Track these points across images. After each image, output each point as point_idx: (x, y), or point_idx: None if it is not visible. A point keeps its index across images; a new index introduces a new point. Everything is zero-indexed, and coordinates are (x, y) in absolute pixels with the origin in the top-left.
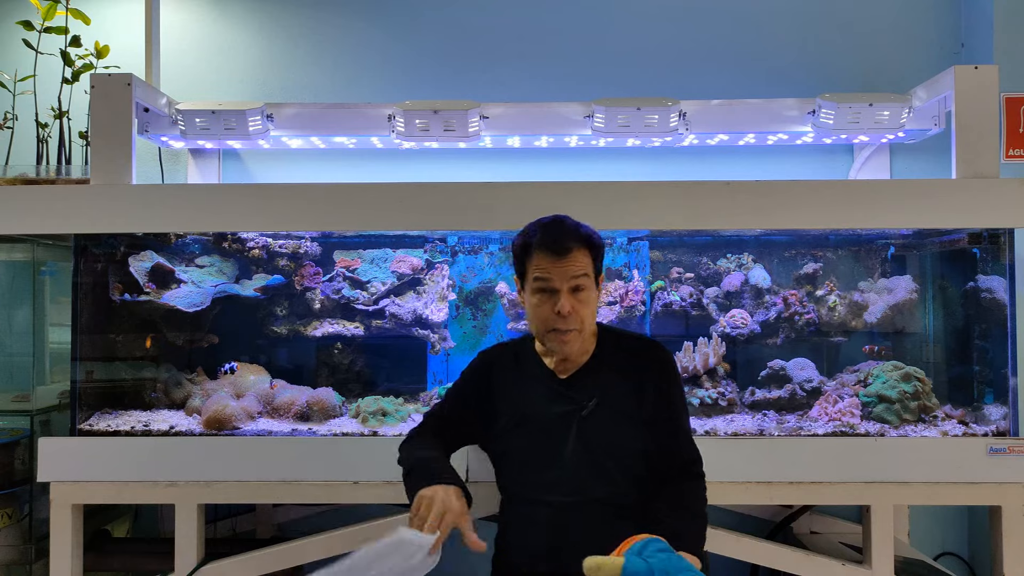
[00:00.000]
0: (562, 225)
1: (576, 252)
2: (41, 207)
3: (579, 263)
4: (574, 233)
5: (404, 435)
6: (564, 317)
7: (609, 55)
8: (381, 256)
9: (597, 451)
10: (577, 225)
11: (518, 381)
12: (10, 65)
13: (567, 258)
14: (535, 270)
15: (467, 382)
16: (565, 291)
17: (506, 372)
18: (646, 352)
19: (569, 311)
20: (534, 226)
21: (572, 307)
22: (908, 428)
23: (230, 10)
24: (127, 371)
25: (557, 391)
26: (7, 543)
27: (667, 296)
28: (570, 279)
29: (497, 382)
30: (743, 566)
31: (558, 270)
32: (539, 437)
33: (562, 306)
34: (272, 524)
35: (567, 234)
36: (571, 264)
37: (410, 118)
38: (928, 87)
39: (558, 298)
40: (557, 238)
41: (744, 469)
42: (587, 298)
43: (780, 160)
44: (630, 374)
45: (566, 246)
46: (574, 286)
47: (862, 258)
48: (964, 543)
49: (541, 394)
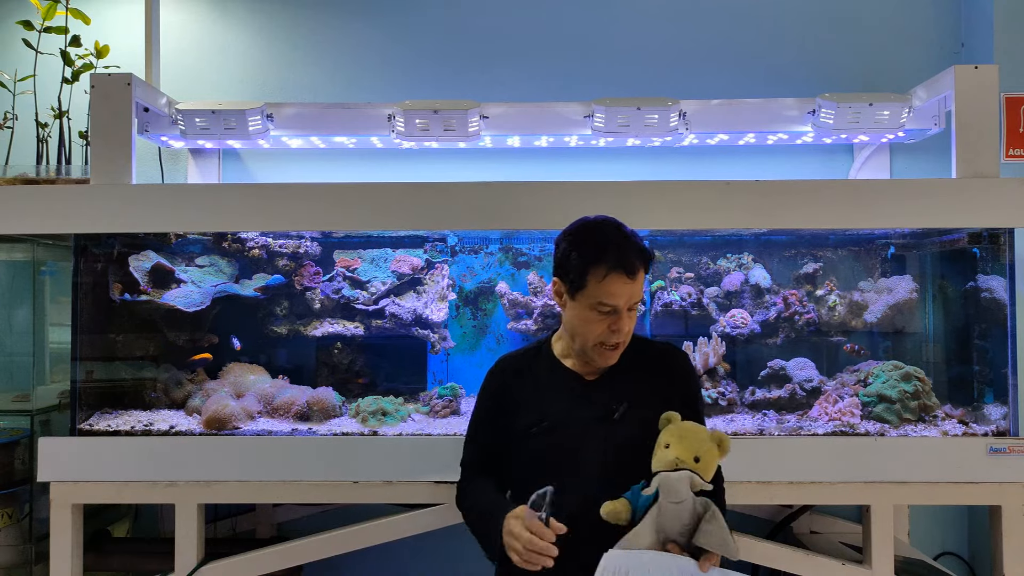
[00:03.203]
0: (631, 244)
1: (641, 273)
2: (41, 207)
3: (641, 285)
4: (641, 253)
5: (457, 488)
6: (616, 332)
7: (609, 55)
8: (381, 256)
9: (626, 454)
10: (641, 246)
11: (538, 386)
12: (10, 65)
13: (636, 279)
14: (603, 292)
15: (490, 397)
16: (625, 311)
17: (522, 377)
18: (670, 357)
19: (629, 328)
20: (596, 234)
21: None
22: (908, 428)
23: (230, 10)
24: (127, 371)
25: (582, 395)
26: (7, 543)
27: (667, 296)
28: (634, 300)
29: (516, 387)
30: (743, 566)
31: (627, 293)
32: (567, 441)
33: (622, 326)
34: (272, 524)
35: (637, 255)
36: (637, 286)
37: (410, 118)
38: (928, 87)
39: (618, 318)
40: (632, 260)
41: (744, 469)
42: (634, 316)
43: (780, 160)
44: (658, 379)
45: (636, 267)
46: (632, 306)
47: (862, 258)
48: (964, 543)
49: (566, 398)
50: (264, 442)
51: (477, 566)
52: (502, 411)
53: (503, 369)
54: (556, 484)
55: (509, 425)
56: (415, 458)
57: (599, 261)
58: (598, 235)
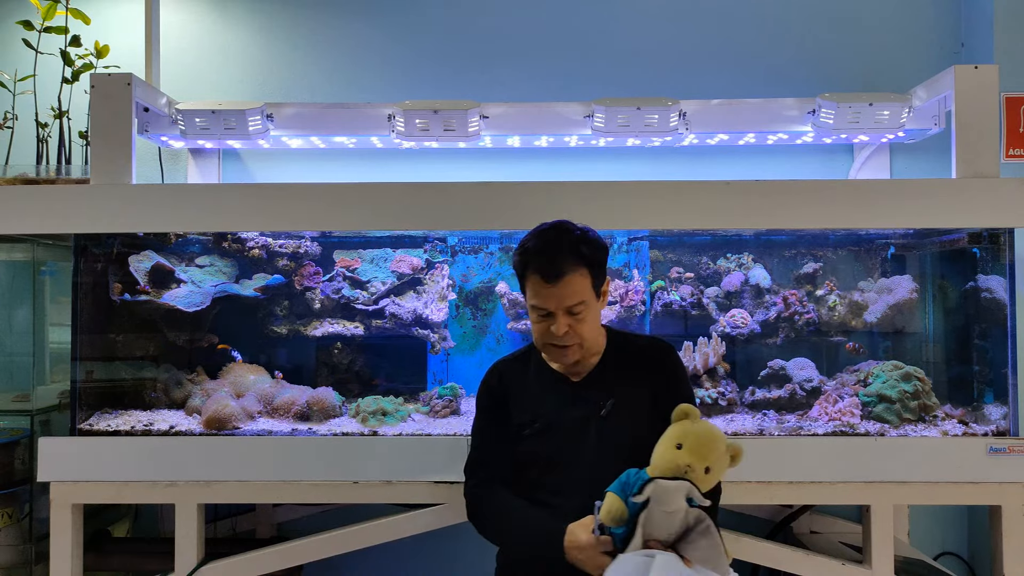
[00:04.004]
0: (559, 245)
1: (570, 277)
2: (41, 207)
3: (573, 288)
4: (570, 255)
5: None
6: (555, 334)
7: (609, 55)
8: (381, 256)
9: (618, 450)
10: (576, 242)
11: (531, 387)
12: (10, 65)
13: (560, 284)
14: (530, 294)
15: (488, 401)
16: (560, 314)
17: (517, 379)
18: (656, 351)
19: (565, 332)
20: (532, 240)
21: (569, 327)
22: (908, 428)
23: (230, 10)
24: (127, 371)
25: (572, 394)
26: (7, 543)
27: (667, 296)
28: (564, 304)
29: (512, 389)
30: (743, 566)
31: (552, 296)
32: (560, 441)
33: (557, 328)
34: (272, 524)
35: (562, 257)
36: (564, 289)
37: (410, 118)
38: (928, 87)
39: (553, 320)
40: (553, 261)
41: (744, 469)
42: (585, 317)
43: (780, 160)
44: (642, 373)
45: (559, 272)
46: (568, 309)
47: (862, 258)
48: (964, 543)
49: (556, 399)
50: (264, 442)
51: (477, 566)
52: (501, 414)
53: (497, 373)
54: (551, 484)
55: (507, 427)
56: (415, 458)
57: (525, 267)
58: (533, 241)
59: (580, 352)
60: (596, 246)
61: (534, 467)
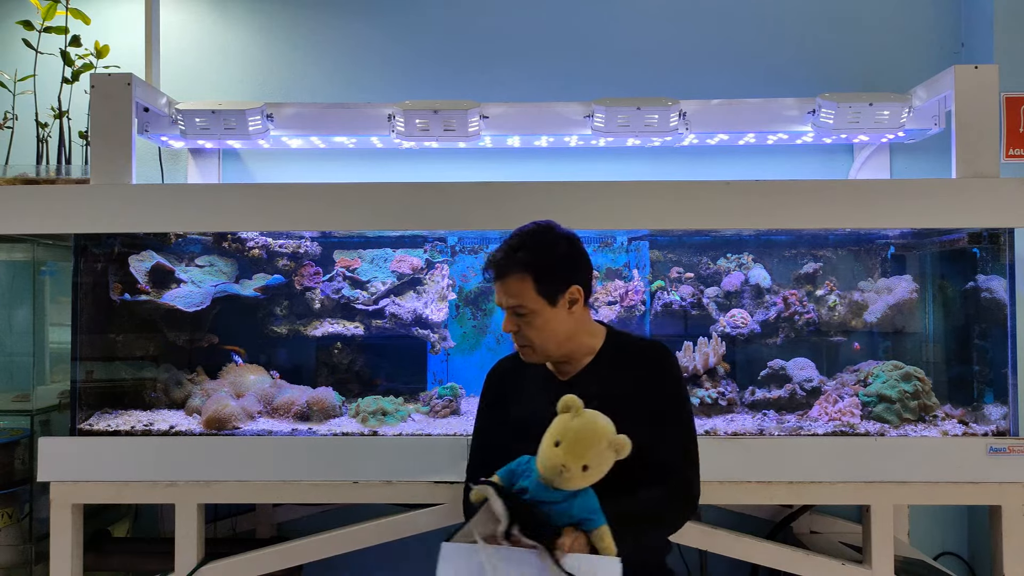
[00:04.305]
0: (508, 245)
1: (512, 279)
2: (41, 207)
3: (513, 290)
4: (512, 258)
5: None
6: (510, 333)
7: (609, 55)
8: (381, 256)
9: None
10: (519, 247)
11: (523, 387)
12: (10, 65)
13: (504, 282)
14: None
15: (487, 401)
16: (508, 312)
17: (512, 380)
18: (649, 352)
19: (511, 331)
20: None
21: (518, 327)
22: (908, 428)
23: (230, 10)
24: (127, 371)
25: (556, 393)
26: (7, 543)
27: (667, 296)
28: (507, 303)
29: (509, 388)
30: (743, 566)
31: (499, 292)
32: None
33: (504, 324)
34: (272, 524)
35: (506, 258)
36: (507, 288)
37: (410, 118)
38: (928, 87)
39: (505, 317)
40: (498, 259)
41: (744, 469)
42: (533, 323)
43: (780, 160)
44: (636, 375)
45: (501, 272)
46: (512, 309)
47: (862, 258)
48: (964, 543)
49: (544, 398)
50: (264, 442)
51: None
52: (498, 414)
53: (497, 373)
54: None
55: (505, 426)
56: (415, 458)
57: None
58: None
59: (538, 356)
60: (543, 254)
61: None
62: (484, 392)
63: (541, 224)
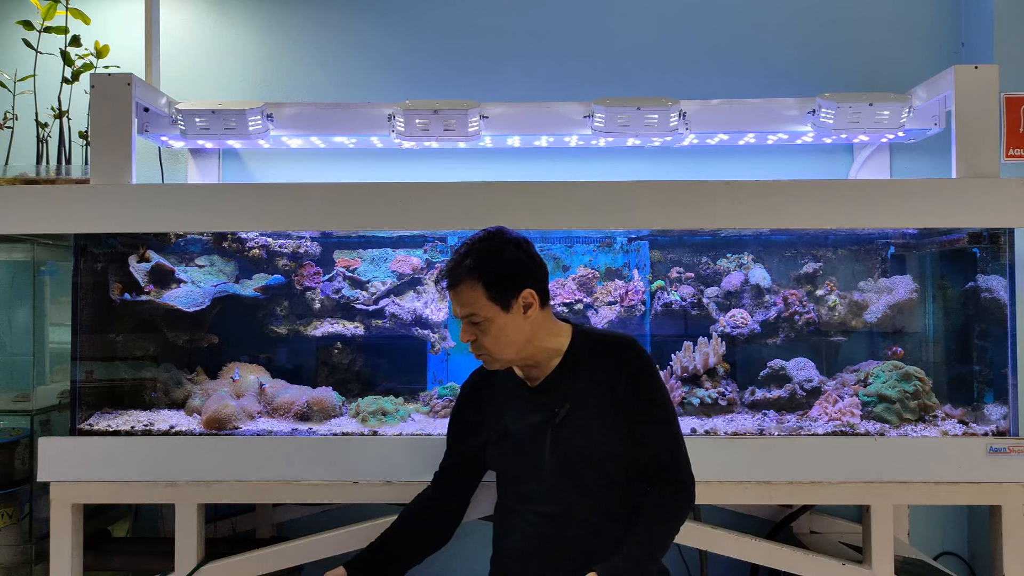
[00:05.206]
0: (458, 254)
1: (463, 287)
2: (41, 207)
3: (465, 299)
4: (461, 266)
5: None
6: (467, 343)
7: (609, 54)
8: (381, 256)
9: (573, 458)
10: (467, 255)
11: (496, 396)
12: (10, 65)
13: (456, 292)
14: None
15: (459, 407)
16: (464, 321)
17: (486, 389)
18: (617, 350)
19: (468, 341)
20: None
21: (475, 336)
22: (908, 428)
23: (230, 10)
24: (127, 371)
25: (530, 401)
26: (7, 543)
27: (667, 296)
28: (461, 312)
29: (483, 399)
30: (743, 566)
31: (454, 302)
32: (517, 450)
33: (461, 335)
34: (272, 524)
35: (456, 267)
36: (459, 298)
37: (410, 118)
38: (928, 86)
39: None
40: (448, 269)
41: (744, 469)
42: (487, 330)
43: (780, 160)
44: (602, 374)
45: (453, 280)
46: (466, 318)
47: (862, 258)
48: (964, 543)
49: (516, 406)
50: (264, 442)
51: (477, 566)
52: (470, 421)
53: (473, 380)
54: (515, 493)
55: (478, 434)
56: (415, 458)
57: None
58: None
59: (496, 363)
60: (491, 261)
61: (502, 474)
62: (459, 398)
63: (490, 230)
